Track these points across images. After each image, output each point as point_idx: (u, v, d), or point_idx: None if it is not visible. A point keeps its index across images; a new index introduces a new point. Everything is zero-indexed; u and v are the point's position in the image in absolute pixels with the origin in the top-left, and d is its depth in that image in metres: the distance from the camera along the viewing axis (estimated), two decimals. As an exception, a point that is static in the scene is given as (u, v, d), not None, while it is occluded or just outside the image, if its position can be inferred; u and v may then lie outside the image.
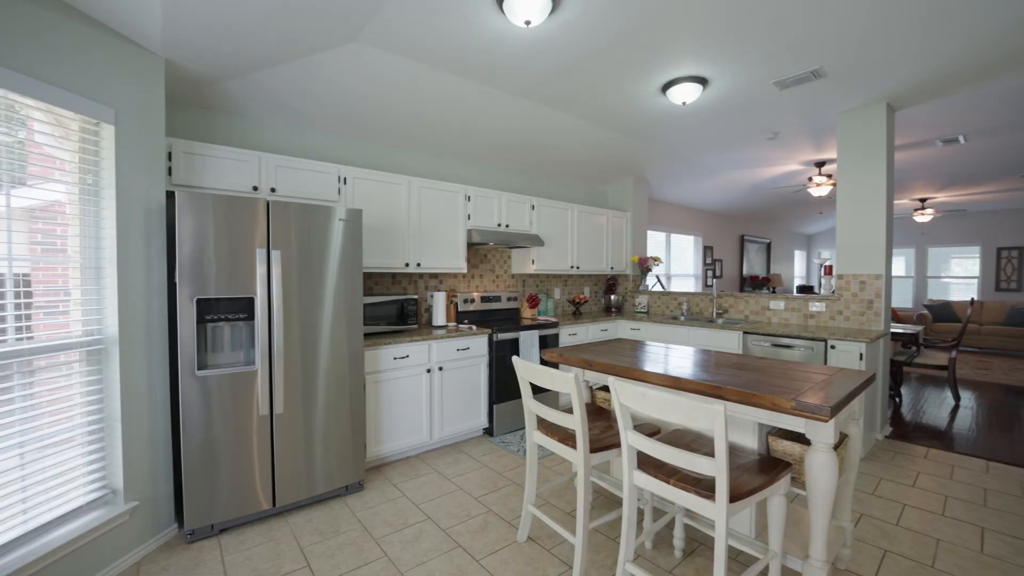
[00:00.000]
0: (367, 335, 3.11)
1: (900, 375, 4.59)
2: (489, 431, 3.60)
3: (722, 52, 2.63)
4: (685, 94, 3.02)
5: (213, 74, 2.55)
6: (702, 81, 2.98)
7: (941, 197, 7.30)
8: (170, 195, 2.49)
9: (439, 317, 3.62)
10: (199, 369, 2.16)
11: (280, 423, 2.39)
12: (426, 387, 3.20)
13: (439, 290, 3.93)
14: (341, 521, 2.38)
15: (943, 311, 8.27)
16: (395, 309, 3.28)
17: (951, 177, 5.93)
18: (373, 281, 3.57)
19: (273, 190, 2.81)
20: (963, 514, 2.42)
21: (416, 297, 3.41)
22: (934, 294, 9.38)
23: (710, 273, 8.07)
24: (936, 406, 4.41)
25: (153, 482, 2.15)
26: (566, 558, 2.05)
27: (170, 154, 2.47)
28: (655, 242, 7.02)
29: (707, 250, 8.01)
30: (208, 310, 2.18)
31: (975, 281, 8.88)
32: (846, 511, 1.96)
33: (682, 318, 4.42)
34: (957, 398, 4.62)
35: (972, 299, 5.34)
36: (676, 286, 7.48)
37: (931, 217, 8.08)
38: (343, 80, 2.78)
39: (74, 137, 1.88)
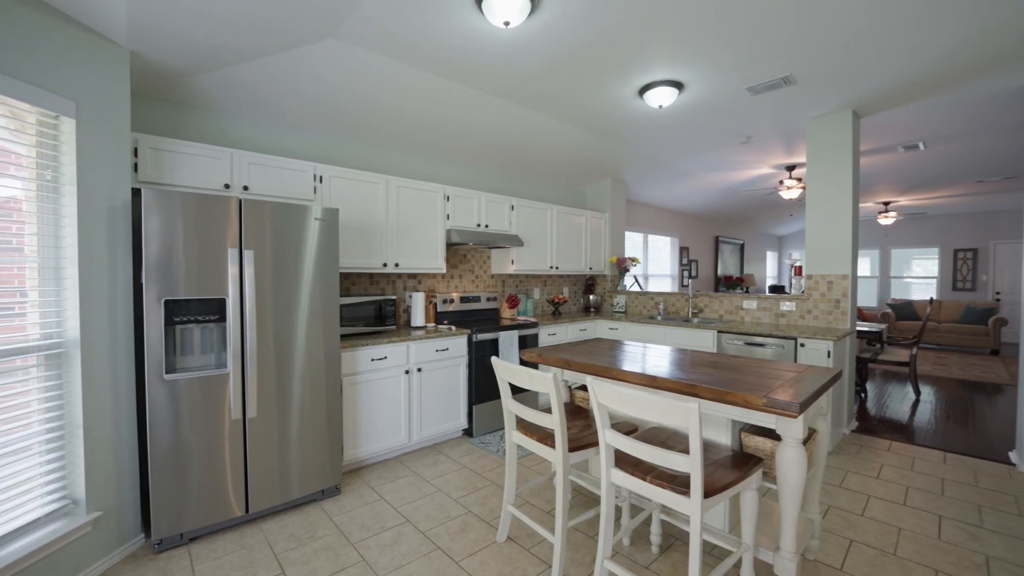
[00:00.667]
0: (344, 336, 3.06)
1: (865, 371, 4.78)
2: (469, 432, 3.59)
3: (697, 57, 2.68)
4: (661, 97, 3.08)
5: (183, 68, 2.47)
6: (678, 85, 3.04)
7: (903, 201, 7.63)
8: (136, 192, 2.40)
9: (418, 318, 3.59)
10: (167, 373, 2.09)
11: (253, 427, 2.33)
12: (404, 388, 3.17)
13: (418, 290, 3.90)
14: (317, 526, 2.33)
15: (905, 310, 8.64)
16: (373, 310, 3.23)
17: (912, 181, 6.20)
18: (350, 281, 3.52)
19: (246, 188, 2.74)
20: (923, 503, 2.54)
21: (394, 298, 3.37)
22: (897, 293, 9.80)
23: (686, 273, 8.23)
24: (898, 401, 4.61)
25: (118, 491, 2.07)
26: (545, 557, 2.06)
27: (136, 150, 2.38)
28: (633, 243, 7.12)
29: (683, 251, 8.16)
30: (177, 312, 2.11)
31: (934, 281, 9.31)
32: (815, 503, 2.03)
33: (659, 318, 4.50)
34: (918, 393, 4.83)
35: (931, 298, 5.60)
36: (653, 286, 7.60)
37: (894, 220, 8.44)
38: (320, 77, 2.73)
39: (31, 131, 1.79)
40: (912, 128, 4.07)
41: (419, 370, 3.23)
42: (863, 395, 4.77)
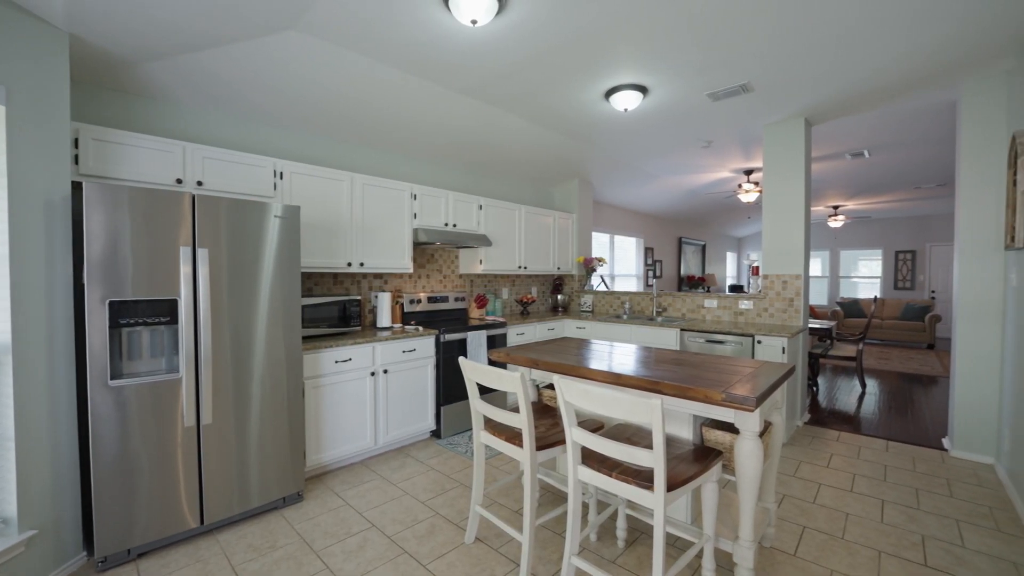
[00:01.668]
0: (306, 338, 2.97)
1: (816, 366, 5.04)
2: (437, 433, 3.55)
3: (661, 62, 2.75)
4: (627, 101, 3.14)
5: (129, 54, 2.33)
6: (643, 89, 3.12)
7: (851, 205, 8.10)
8: (77, 186, 2.24)
9: (384, 318, 3.53)
10: (113, 378, 1.96)
11: (208, 434, 2.22)
12: (370, 391, 3.10)
13: (384, 290, 3.83)
14: (278, 535, 2.25)
15: (852, 308, 9.17)
16: (337, 310, 3.15)
17: (858, 187, 6.59)
18: (313, 282, 3.41)
19: (200, 183, 2.61)
20: (867, 489, 2.70)
21: (359, 298, 3.30)
22: (845, 292, 10.39)
23: (651, 273, 8.44)
24: (847, 393, 4.89)
25: (55, 506, 1.92)
26: (514, 556, 2.07)
27: (77, 141, 2.22)
28: (599, 243, 7.24)
29: (648, 251, 8.37)
30: (124, 313, 1.99)
31: (878, 280, 9.93)
32: (771, 493, 2.12)
33: (625, 317, 4.59)
34: (863, 386, 5.14)
35: (875, 297, 5.97)
36: (619, 286, 7.76)
37: (842, 223, 8.95)
38: (281, 70, 2.63)
39: (-46, 117, 1.65)
40: (858, 137, 4.33)
41: (385, 372, 3.17)
42: (815, 389, 5.03)
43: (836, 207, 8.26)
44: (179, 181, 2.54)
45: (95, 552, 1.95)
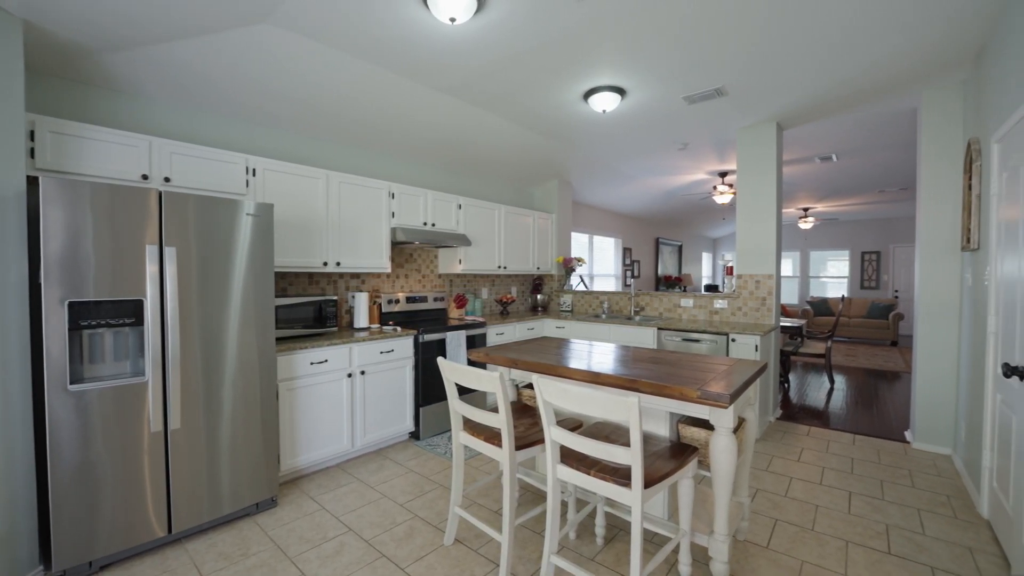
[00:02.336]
0: (281, 339, 2.90)
1: (788, 363, 5.19)
2: (416, 435, 3.51)
3: (638, 65, 2.79)
4: (605, 102, 3.17)
5: (90, 43, 2.23)
6: (620, 91, 3.15)
7: (820, 207, 8.37)
8: (34, 181, 2.13)
9: (361, 319, 3.47)
10: (73, 383, 1.88)
11: (177, 439, 2.15)
12: (347, 392, 3.05)
13: (361, 290, 3.77)
14: (251, 542, 2.19)
15: (821, 307, 9.49)
16: (312, 311, 3.08)
17: (827, 190, 6.82)
18: (287, 281, 3.33)
19: (167, 180, 2.52)
20: (836, 482, 2.79)
21: (336, 298, 3.24)
22: (814, 291, 10.74)
23: (629, 273, 8.55)
24: (816, 389, 5.05)
25: (8, 518, 1.83)
26: (493, 557, 2.06)
27: (33, 133, 2.12)
28: (579, 243, 7.30)
29: (626, 251, 8.48)
30: (85, 315, 1.90)
31: (845, 280, 10.30)
32: (744, 488, 2.18)
33: (603, 316, 4.64)
34: (832, 382, 5.32)
35: (843, 296, 6.19)
36: (598, 285, 7.83)
37: (812, 224, 9.25)
38: (254, 64, 2.56)
39: None
40: (827, 141, 4.47)
41: (363, 373, 3.12)
42: (786, 385, 5.18)
43: (806, 209, 8.53)
44: (145, 177, 2.44)
45: (53, 566, 1.86)
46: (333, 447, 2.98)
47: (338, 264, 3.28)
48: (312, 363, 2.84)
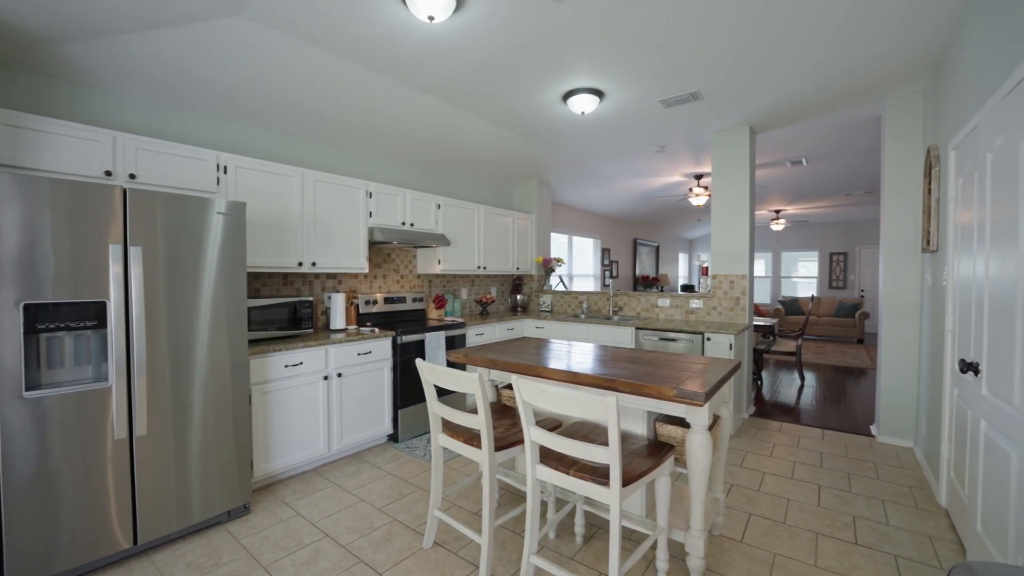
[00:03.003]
0: (254, 342, 2.82)
1: (760, 361, 5.33)
2: (394, 437, 3.47)
3: (617, 68, 2.82)
4: (583, 104, 3.20)
5: (48, 32, 2.12)
6: (599, 93, 3.18)
7: (791, 209, 8.63)
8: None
9: (338, 320, 3.41)
10: (29, 389, 1.78)
11: (143, 447, 2.06)
12: (323, 395, 2.99)
13: (338, 291, 3.70)
14: (222, 551, 2.12)
15: (792, 306, 9.78)
16: (287, 312, 3.01)
17: (797, 192, 7.04)
18: (261, 282, 3.25)
19: (133, 177, 2.42)
20: (806, 475, 2.88)
21: (311, 299, 3.17)
22: (786, 291, 11.07)
23: (607, 273, 8.65)
24: (788, 386, 5.20)
25: (-40, 533, 1.72)
26: (473, 559, 2.05)
27: (-15, 126, 2.01)
28: (558, 243, 7.34)
29: (605, 252, 8.57)
30: (43, 317, 1.81)
31: (815, 280, 10.65)
32: (719, 484, 2.22)
33: (582, 316, 4.68)
34: (802, 378, 5.49)
35: (812, 295, 6.39)
36: (577, 286, 7.89)
37: (783, 226, 9.53)
38: (226, 59, 2.49)
39: None
40: (797, 146, 4.62)
41: (339, 375, 3.07)
42: (759, 382, 5.32)
43: (778, 211, 8.78)
44: (108, 173, 2.34)
45: (8, 582, 1.76)
46: (309, 451, 2.92)
47: (314, 264, 3.22)
48: (287, 366, 2.78)
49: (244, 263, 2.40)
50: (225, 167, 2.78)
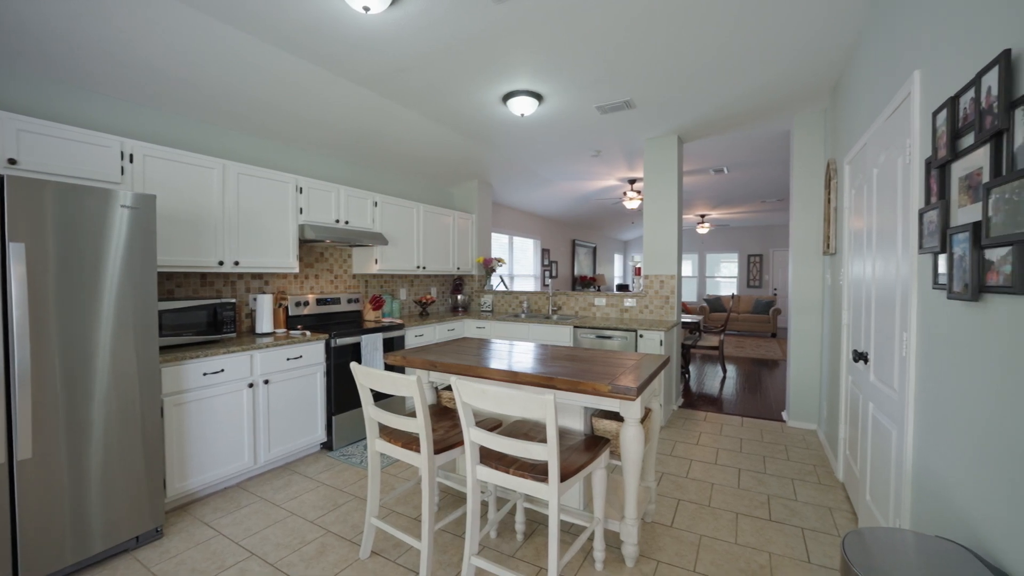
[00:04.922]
0: (167, 348, 2.57)
1: (688, 356, 5.68)
2: (328, 445, 3.31)
3: (555, 72, 2.88)
4: (523, 106, 3.24)
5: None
6: (538, 97, 3.23)
7: (714, 214, 9.29)
8: None
9: (265, 323, 3.20)
10: None
11: (27, 472, 1.81)
12: (248, 404, 2.79)
13: (265, 292, 3.47)
14: (128, 581, 1.91)
15: (716, 304, 10.53)
16: (205, 316, 2.78)
17: (720, 199, 7.59)
18: (175, 283, 2.97)
19: (13, 162, 2.12)
20: (728, 460, 3.12)
21: (234, 301, 2.95)
22: (710, 290, 11.90)
23: (547, 273, 8.82)
24: (712, 379, 5.59)
25: None
26: (413, 565, 2.01)
27: None
28: (499, 244, 7.38)
29: (545, 252, 8.73)
30: None
31: (735, 280, 11.55)
32: (651, 473, 2.34)
33: (523, 315, 4.73)
34: (724, 371, 5.92)
35: (733, 294, 6.93)
36: (518, 286, 7.98)
37: (708, 230, 10.23)
38: (136, 35, 2.24)
39: None
40: (720, 156, 4.97)
41: (266, 382, 2.88)
42: (687, 376, 5.68)
43: (703, 215, 9.42)
44: (-19, 158, 2.03)
45: None
46: (232, 465, 2.71)
47: (236, 264, 2.99)
48: (205, 373, 2.56)
49: (154, 262, 2.18)
50: (131, 155, 2.50)
